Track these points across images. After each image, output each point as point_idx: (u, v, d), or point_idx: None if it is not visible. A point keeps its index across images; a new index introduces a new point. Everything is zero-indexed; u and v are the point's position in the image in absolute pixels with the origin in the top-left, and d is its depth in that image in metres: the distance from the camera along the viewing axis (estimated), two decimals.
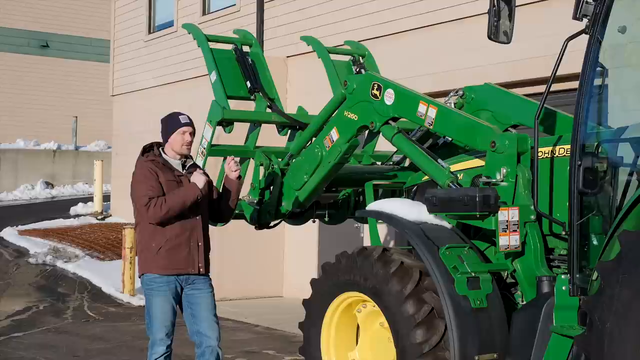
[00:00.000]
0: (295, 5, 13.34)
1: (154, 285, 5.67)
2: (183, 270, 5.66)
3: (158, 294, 5.66)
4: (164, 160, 5.75)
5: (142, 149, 5.84)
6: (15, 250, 15.84)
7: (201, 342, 5.71)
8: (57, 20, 29.75)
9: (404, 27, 11.37)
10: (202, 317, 5.71)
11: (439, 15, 10.86)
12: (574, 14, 4.64)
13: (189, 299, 5.73)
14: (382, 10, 11.67)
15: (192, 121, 5.83)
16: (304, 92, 12.28)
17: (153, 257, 5.67)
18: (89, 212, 19.88)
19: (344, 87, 6.25)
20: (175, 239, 5.63)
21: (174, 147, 5.77)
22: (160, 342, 5.66)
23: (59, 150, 25.81)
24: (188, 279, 5.70)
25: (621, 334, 3.96)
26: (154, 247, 5.65)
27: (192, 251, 5.66)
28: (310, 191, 6.54)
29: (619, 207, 4.58)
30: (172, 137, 5.75)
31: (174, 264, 5.64)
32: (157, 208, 5.55)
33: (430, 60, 10.93)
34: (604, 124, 4.96)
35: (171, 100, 16.48)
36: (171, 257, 5.63)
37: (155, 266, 5.68)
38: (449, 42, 10.69)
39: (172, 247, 5.63)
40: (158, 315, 5.66)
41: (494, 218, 5.04)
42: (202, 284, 5.74)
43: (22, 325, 10.33)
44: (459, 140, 5.89)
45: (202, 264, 5.69)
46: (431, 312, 5.03)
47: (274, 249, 12.90)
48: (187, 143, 5.75)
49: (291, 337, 9.32)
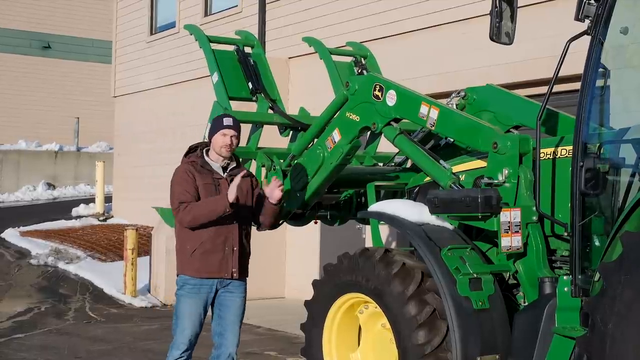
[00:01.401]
0: (297, 6, 13.34)
1: (186, 287, 5.65)
2: (216, 275, 5.62)
3: (188, 296, 5.64)
4: (204, 162, 5.72)
5: (188, 149, 5.83)
6: (17, 252, 15.84)
7: (220, 344, 5.72)
8: (59, 21, 29.77)
9: (405, 28, 11.37)
10: (228, 321, 5.70)
11: (441, 16, 10.86)
12: (576, 15, 4.64)
13: (220, 300, 5.71)
14: (383, 12, 11.67)
15: (237, 124, 5.76)
16: (305, 93, 12.28)
17: (187, 260, 5.64)
18: (91, 213, 19.88)
19: (346, 88, 6.25)
20: (210, 243, 5.59)
21: (215, 148, 5.73)
22: (179, 345, 5.63)
23: (61, 151, 25.82)
24: (222, 281, 5.67)
25: (623, 335, 3.96)
26: (188, 250, 5.63)
27: (227, 256, 5.63)
28: (312, 192, 6.54)
29: (620, 208, 4.57)
30: (214, 137, 5.71)
31: (207, 268, 5.61)
32: (184, 214, 5.54)
33: (432, 61, 10.92)
34: (606, 125, 4.96)
35: (173, 102, 16.50)
36: (205, 260, 5.59)
37: (189, 268, 5.65)
38: (451, 43, 10.69)
39: (206, 250, 5.59)
40: (183, 317, 5.64)
41: (495, 219, 5.04)
42: (236, 288, 5.72)
43: (24, 327, 10.33)
44: (461, 142, 5.89)
45: (235, 269, 5.65)
46: (433, 313, 5.03)
47: (276, 250, 12.89)
48: (226, 145, 5.67)
49: (293, 338, 9.33)
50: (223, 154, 5.72)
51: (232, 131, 5.69)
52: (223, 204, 5.45)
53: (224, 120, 5.73)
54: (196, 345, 5.71)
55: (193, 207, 5.52)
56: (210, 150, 5.76)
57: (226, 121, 5.72)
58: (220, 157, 5.73)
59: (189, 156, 5.78)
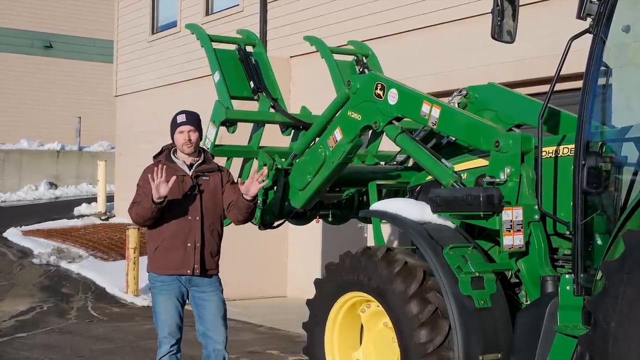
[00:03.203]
0: (299, 5, 13.34)
1: (156, 285, 5.73)
2: (178, 271, 5.65)
3: (159, 293, 5.70)
4: (169, 160, 5.75)
5: (160, 150, 5.88)
6: (19, 251, 15.86)
7: (206, 344, 5.73)
8: (61, 21, 29.77)
9: (407, 26, 11.36)
10: (208, 320, 5.71)
11: (442, 14, 10.85)
12: (578, 13, 4.63)
13: (196, 300, 5.74)
14: (385, 10, 11.66)
15: (193, 118, 5.77)
16: (307, 92, 12.27)
17: (152, 257, 5.75)
18: (93, 212, 19.89)
19: (348, 87, 6.25)
20: (170, 240, 5.65)
21: (178, 147, 5.78)
22: (164, 340, 5.69)
23: (63, 150, 25.84)
24: (191, 280, 5.69)
25: (625, 334, 3.95)
26: (151, 247, 5.73)
27: (188, 251, 5.64)
28: (313, 191, 6.53)
29: (623, 207, 4.57)
30: (174, 137, 5.79)
31: (168, 264, 5.66)
32: (130, 212, 5.69)
33: (434, 59, 10.92)
34: (608, 123, 4.96)
35: (174, 101, 16.46)
36: (166, 257, 5.66)
37: (153, 266, 5.75)
38: (453, 41, 10.68)
39: (166, 247, 5.65)
40: (160, 314, 5.70)
41: (497, 218, 5.03)
42: (207, 286, 5.73)
43: (26, 326, 10.33)
44: (463, 140, 5.89)
45: (197, 266, 5.65)
46: (435, 312, 5.03)
47: (278, 249, 12.90)
48: (186, 141, 5.72)
49: (295, 338, 9.32)
50: (185, 151, 5.76)
51: (188, 126, 5.73)
52: (148, 200, 5.51)
53: (177, 118, 5.78)
54: (192, 346, 5.71)
55: (136, 206, 5.63)
56: (178, 149, 5.81)
57: (179, 118, 5.77)
58: (186, 155, 5.76)
59: (157, 158, 5.81)
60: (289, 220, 7.11)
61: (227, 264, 13.04)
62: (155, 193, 5.44)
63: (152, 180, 5.44)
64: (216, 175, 5.80)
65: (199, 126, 5.81)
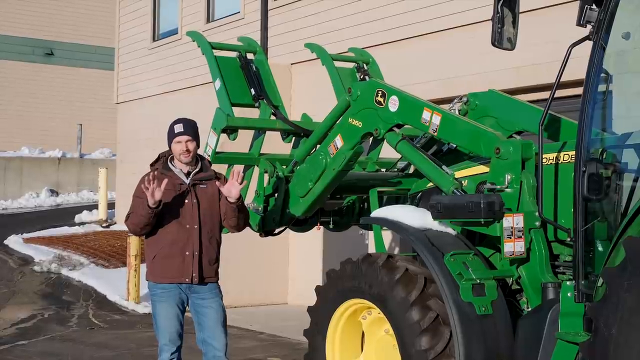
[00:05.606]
0: (300, 12, 13.36)
1: (154, 292, 5.75)
2: (176, 279, 5.68)
3: (158, 301, 5.72)
4: (166, 169, 5.76)
5: (157, 157, 5.90)
6: (20, 258, 15.86)
7: (207, 351, 5.74)
8: (62, 28, 29.84)
9: (408, 34, 11.38)
10: (207, 327, 5.72)
11: (443, 22, 10.87)
12: (578, 20, 4.64)
13: (195, 307, 5.76)
14: (386, 17, 11.68)
15: (190, 128, 5.78)
16: (308, 99, 12.29)
17: (150, 265, 5.78)
18: (94, 219, 19.91)
19: (348, 94, 6.25)
20: (168, 248, 5.67)
21: (175, 156, 5.79)
22: (164, 347, 5.70)
23: (64, 158, 25.87)
24: (190, 287, 5.71)
25: (626, 340, 3.95)
26: (150, 255, 5.76)
27: (187, 260, 5.66)
28: (314, 198, 6.53)
29: (623, 213, 4.57)
30: (172, 146, 5.80)
31: (166, 273, 5.68)
32: (127, 223, 5.75)
33: (434, 66, 10.93)
34: (608, 129, 4.95)
35: (175, 108, 16.47)
36: (164, 265, 5.68)
37: (152, 274, 5.77)
38: (454, 48, 10.69)
39: (165, 255, 5.68)
40: (160, 321, 5.71)
41: (498, 224, 5.02)
42: (207, 294, 5.74)
43: (27, 333, 10.33)
44: (463, 147, 5.88)
45: (196, 274, 5.67)
46: (436, 319, 5.02)
47: (279, 256, 12.90)
48: (183, 151, 5.73)
49: (296, 345, 9.31)
50: (183, 161, 5.78)
51: (185, 137, 5.74)
52: (143, 206, 5.55)
53: (175, 128, 5.78)
54: (193, 353, 5.72)
55: (132, 215, 5.69)
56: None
57: (177, 128, 5.77)
58: (183, 164, 5.78)
59: (154, 166, 5.82)
60: (290, 228, 7.12)
61: (228, 271, 13.04)
62: (150, 199, 5.47)
63: (146, 189, 5.46)
64: (213, 183, 5.81)
65: (196, 135, 5.82)
